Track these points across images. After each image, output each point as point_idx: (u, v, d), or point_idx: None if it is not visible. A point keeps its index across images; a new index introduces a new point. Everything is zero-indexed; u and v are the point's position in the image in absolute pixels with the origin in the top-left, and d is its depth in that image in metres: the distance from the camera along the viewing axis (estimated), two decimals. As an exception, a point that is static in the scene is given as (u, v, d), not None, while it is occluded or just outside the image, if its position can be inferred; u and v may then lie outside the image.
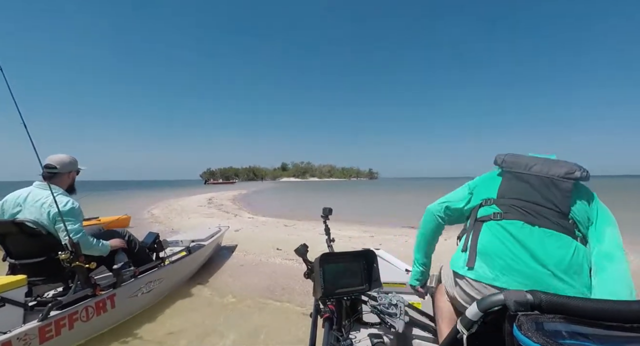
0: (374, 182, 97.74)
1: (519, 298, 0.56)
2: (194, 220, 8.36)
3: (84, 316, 2.22)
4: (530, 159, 1.24)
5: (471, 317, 0.66)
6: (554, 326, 0.52)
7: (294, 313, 2.77)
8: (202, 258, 3.91)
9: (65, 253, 2.11)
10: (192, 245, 3.67)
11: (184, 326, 2.55)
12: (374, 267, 1.29)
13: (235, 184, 62.98)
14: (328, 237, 2.22)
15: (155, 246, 2.98)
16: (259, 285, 3.46)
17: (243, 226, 7.04)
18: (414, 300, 1.61)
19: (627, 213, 8.11)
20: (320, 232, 6.18)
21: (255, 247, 4.98)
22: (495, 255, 1.09)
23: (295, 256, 4.71)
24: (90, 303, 2.27)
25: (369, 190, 30.81)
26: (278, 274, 3.75)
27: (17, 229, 2.18)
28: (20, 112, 2.11)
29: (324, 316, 1.26)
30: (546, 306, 0.55)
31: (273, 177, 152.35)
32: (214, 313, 2.78)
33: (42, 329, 1.97)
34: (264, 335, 2.40)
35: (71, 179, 2.52)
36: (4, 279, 1.99)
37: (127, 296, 2.56)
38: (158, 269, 2.94)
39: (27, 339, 1.89)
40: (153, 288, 2.84)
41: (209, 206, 12.65)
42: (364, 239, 5.36)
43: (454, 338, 0.72)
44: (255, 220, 8.42)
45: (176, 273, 3.26)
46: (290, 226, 7.10)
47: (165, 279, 3.01)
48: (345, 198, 20.83)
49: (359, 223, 7.51)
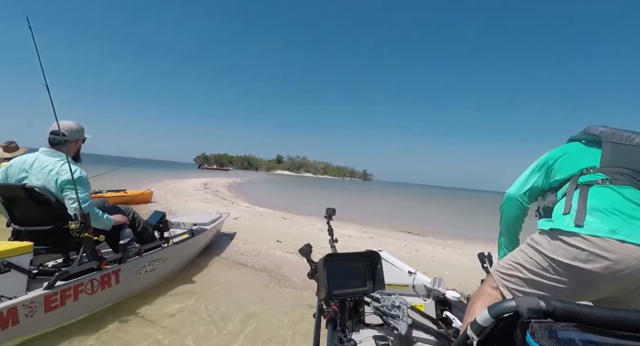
0: (368, 184, 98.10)
1: (531, 305, 0.55)
2: (191, 204, 8.30)
3: (89, 289, 2.19)
4: (628, 132, 1.23)
5: (482, 323, 0.64)
6: (567, 334, 0.51)
7: (292, 304, 2.75)
8: (204, 242, 3.88)
9: (75, 223, 2.07)
10: (195, 228, 3.64)
11: (183, 309, 2.52)
12: (377, 269, 1.30)
13: (230, 172, 62.64)
14: (331, 237, 2.20)
15: (161, 225, 2.94)
16: (260, 274, 3.45)
17: (241, 214, 7.00)
18: (416, 302, 1.61)
19: None
20: (320, 228, 6.21)
21: (254, 236, 4.96)
22: (610, 212, 1.01)
23: (296, 250, 4.72)
24: (95, 276, 2.23)
25: (364, 191, 30.93)
26: (279, 265, 3.73)
27: (26, 195, 2.12)
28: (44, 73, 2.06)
29: (327, 317, 1.26)
30: (560, 313, 0.54)
31: (267, 168, 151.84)
32: (213, 299, 2.75)
33: (48, 298, 1.94)
34: (260, 323, 2.38)
35: (78, 147, 2.47)
36: (11, 244, 1.95)
37: (131, 273, 2.53)
38: (162, 249, 2.90)
39: (32, 307, 1.86)
40: (157, 267, 2.80)
41: (205, 191, 12.58)
42: (364, 240, 5.36)
43: (464, 343, 0.71)
44: (253, 209, 8.38)
45: (179, 254, 3.22)
46: (289, 219, 7.08)
47: (168, 259, 2.97)
48: (341, 196, 20.88)
49: (356, 223, 7.52)
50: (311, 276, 1.37)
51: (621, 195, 1.06)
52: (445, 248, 5.21)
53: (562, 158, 1.34)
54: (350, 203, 14.85)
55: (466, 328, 0.69)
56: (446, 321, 1.48)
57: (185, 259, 3.43)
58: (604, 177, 1.14)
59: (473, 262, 4.29)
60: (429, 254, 4.70)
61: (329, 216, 2.35)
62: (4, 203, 2.25)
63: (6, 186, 2.18)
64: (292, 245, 4.56)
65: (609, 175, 1.13)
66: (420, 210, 13.05)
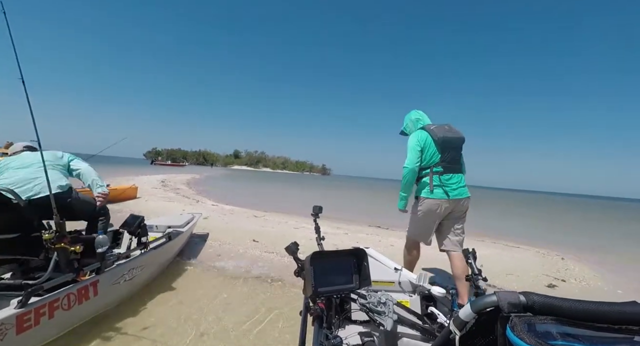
0: (328, 178, 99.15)
1: (512, 300, 0.57)
2: (152, 204, 7.78)
3: (65, 305, 1.98)
4: (445, 128, 2.69)
5: (464, 318, 0.66)
6: (545, 327, 0.53)
7: (279, 303, 2.72)
8: (180, 245, 3.68)
9: (49, 233, 1.87)
10: (171, 231, 3.44)
11: (161, 317, 2.38)
12: (364, 266, 1.31)
13: (186, 167, 59.65)
14: (318, 235, 2.20)
15: (140, 230, 2.73)
16: (242, 276, 3.36)
17: (210, 214, 6.72)
18: (402, 299, 1.65)
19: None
20: (295, 226, 6.17)
21: (228, 237, 4.79)
22: (442, 186, 2.58)
23: (275, 249, 4.63)
24: (72, 290, 2.02)
25: (325, 186, 31.20)
26: (260, 266, 3.66)
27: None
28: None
29: (314, 315, 1.27)
30: (539, 307, 0.56)
31: (224, 163, 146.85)
32: (193, 304, 2.63)
33: (21, 318, 1.71)
34: (246, 326, 2.33)
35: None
36: None
37: (110, 283, 2.33)
38: (141, 255, 2.71)
39: (3, 329, 1.63)
40: (135, 275, 2.61)
41: (165, 189, 11.86)
42: (340, 236, 5.41)
43: (446, 338, 0.73)
44: (220, 208, 8.09)
45: (157, 260, 3.02)
46: (260, 217, 6.94)
47: (146, 267, 2.78)
48: (306, 192, 20.86)
49: (326, 219, 7.58)
50: (298, 274, 1.36)
51: (447, 179, 2.58)
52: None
53: (426, 149, 2.61)
54: (315, 199, 14.91)
55: (448, 324, 0.71)
56: (431, 317, 1.51)
57: (162, 265, 3.23)
58: (441, 169, 2.59)
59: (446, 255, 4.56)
60: (403, 248, 4.87)
61: (315, 214, 2.33)
62: None
63: None
64: (270, 244, 4.49)
65: (442, 168, 2.59)
66: (381, 203, 13.47)
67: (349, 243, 4.78)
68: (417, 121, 2.84)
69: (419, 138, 2.62)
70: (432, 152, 2.60)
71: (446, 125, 2.69)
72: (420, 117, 2.85)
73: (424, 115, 2.87)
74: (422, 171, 2.66)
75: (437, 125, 2.68)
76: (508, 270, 4.11)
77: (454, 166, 2.61)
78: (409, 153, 2.65)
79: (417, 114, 2.89)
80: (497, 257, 4.75)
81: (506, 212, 16.90)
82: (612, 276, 4.38)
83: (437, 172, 2.60)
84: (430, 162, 2.61)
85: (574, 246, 6.74)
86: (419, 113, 2.89)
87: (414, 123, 2.85)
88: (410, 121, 2.90)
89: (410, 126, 2.87)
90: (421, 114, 2.88)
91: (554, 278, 3.92)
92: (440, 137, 2.57)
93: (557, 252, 5.55)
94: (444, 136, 2.57)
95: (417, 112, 2.91)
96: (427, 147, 2.61)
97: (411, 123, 2.88)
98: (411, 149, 2.63)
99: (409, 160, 2.62)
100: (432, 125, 2.69)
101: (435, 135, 2.58)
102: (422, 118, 2.85)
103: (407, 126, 2.91)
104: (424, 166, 2.64)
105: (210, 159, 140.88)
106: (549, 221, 13.48)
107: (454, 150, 2.61)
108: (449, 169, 2.59)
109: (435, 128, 2.64)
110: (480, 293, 1.44)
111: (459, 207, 2.63)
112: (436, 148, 2.59)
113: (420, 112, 2.90)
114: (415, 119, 2.86)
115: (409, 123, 2.90)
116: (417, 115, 2.88)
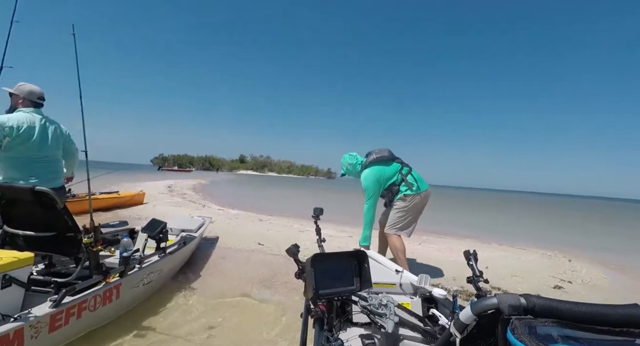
0: (333, 182, 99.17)
1: (512, 302, 0.57)
2: (160, 208, 7.96)
3: (92, 306, 2.12)
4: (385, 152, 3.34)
5: (464, 321, 0.66)
6: (546, 330, 0.53)
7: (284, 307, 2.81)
8: (192, 249, 3.81)
9: (89, 237, 2.04)
10: (185, 235, 3.57)
11: (174, 320, 2.49)
12: (364, 268, 1.31)
13: (192, 172, 60.11)
14: (319, 237, 2.24)
15: (161, 235, 2.85)
16: (248, 279, 3.47)
17: (217, 218, 6.85)
18: (403, 301, 1.64)
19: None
20: (300, 229, 6.28)
21: (235, 240, 4.94)
22: (416, 182, 3.27)
23: (281, 252, 4.74)
24: (99, 292, 2.16)
25: (331, 189, 31.25)
26: (267, 268, 3.77)
27: (34, 198, 1.99)
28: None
29: (315, 317, 1.27)
30: (539, 310, 0.55)
31: (230, 168, 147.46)
32: (203, 308, 2.72)
33: (54, 317, 1.84)
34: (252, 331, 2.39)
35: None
36: (11, 255, 1.80)
37: (130, 287, 2.47)
38: (159, 259, 2.84)
39: (38, 327, 1.75)
40: (152, 279, 2.75)
41: (172, 194, 12.06)
42: (344, 239, 5.51)
43: (447, 341, 0.73)
44: (226, 212, 8.23)
45: (172, 264, 3.17)
46: (265, 221, 7.07)
47: (162, 271, 2.91)
48: (309, 195, 20.96)
49: (331, 222, 7.66)
50: (299, 277, 1.35)
51: (416, 176, 3.28)
52: (421, 244, 5.53)
53: (384, 176, 3.22)
54: (318, 202, 14.85)
55: (449, 327, 0.71)
56: (432, 319, 1.50)
57: (176, 268, 3.37)
58: (405, 171, 3.26)
59: (450, 257, 4.66)
60: (407, 250, 4.95)
61: (316, 216, 2.41)
62: (1, 204, 2.12)
63: (12, 187, 2.07)
64: (275, 247, 4.61)
65: (405, 172, 3.26)
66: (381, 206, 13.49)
67: (353, 246, 4.87)
68: (356, 165, 3.42)
69: (375, 175, 3.23)
70: (390, 169, 3.24)
71: (374, 151, 3.38)
72: (356, 160, 3.43)
73: (356, 156, 3.46)
74: (392, 184, 3.30)
75: (370, 153, 3.36)
76: (514, 272, 4.16)
77: (407, 165, 3.36)
78: (368, 192, 3.24)
79: (351, 158, 3.45)
80: (502, 260, 4.79)
81: (513, 214, 16.84)
82: (620, 277, 4.42)
83: (406, 173, 3.24)
84: (393, 175, 3.24)
85: (581, 247, 6.76)
86: (352, 157, 3.46)
87: (354, 167, 3.43)
88: (348, 165, 3.47)
89: (351, 169, 3.46)
90: (354, 156, 3.46)
91: (560, 280, 3.95)
92: (385, 155, 3.28)
93: (564, 254, 5.58)
94: (382, 155, 3.29)
95: (350, 155, 3.48)
96: (383, 173, 3.22)
97: (351, 167, 3.45)
98: (369, 188, 3.23)
99: (371, 199, 3.26)
100: (370, 156, 3.30)
101: (379, 157, 3.27)
102: (357, 160, 3.44)
103: (347, 170, 3.51)
104: (391, 182, 3.28)
105: (216, 164, 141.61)
106: (557, 223, 13.43)
107: (395, 156, 3.36)
108: (409, 168, 3.33)
109: (374, 155, 3.28)
110: (481, 295, 1.46)
111: (427, 197, 3.34)
112: (388, 163, 3.26)
113: (353, 154, 3.50)
114: (354, 163, 3.44)
115: (349, 167, 3.47)
116: (351, 160, 3.45)
